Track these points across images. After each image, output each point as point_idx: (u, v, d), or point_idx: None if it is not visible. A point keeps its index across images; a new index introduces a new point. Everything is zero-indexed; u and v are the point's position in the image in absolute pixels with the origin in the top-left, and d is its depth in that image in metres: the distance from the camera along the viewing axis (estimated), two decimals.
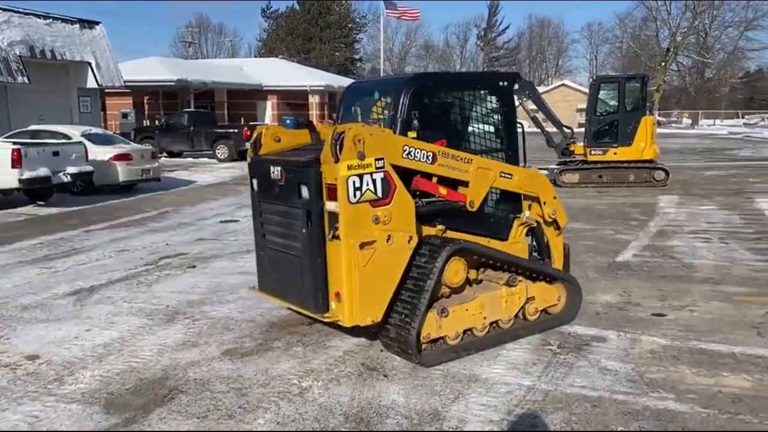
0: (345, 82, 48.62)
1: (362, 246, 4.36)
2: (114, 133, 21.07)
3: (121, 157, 14.92)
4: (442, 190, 4.82)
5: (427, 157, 4.65)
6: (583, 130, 16.41)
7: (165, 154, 24.25)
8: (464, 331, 4.89)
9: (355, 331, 4.88)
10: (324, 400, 4.23)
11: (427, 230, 4.87)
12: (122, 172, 14.88)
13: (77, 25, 21.83)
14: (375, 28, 75.79)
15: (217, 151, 23.88)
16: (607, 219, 10.96)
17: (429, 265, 4.54)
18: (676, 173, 16.34)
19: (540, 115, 16.90)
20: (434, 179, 4.79)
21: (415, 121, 4.74)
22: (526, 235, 5.57)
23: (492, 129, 5.36)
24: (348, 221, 4.31)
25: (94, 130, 16.44)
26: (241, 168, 21.24)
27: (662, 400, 4.17)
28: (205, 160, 23.99)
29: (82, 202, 13.56)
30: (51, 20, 20.98)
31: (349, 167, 4.27)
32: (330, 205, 4.39)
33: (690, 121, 58.49)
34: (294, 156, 4.87)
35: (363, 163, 4.31)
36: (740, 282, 6.92)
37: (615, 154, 15.18)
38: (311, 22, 70.86)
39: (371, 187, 4.36)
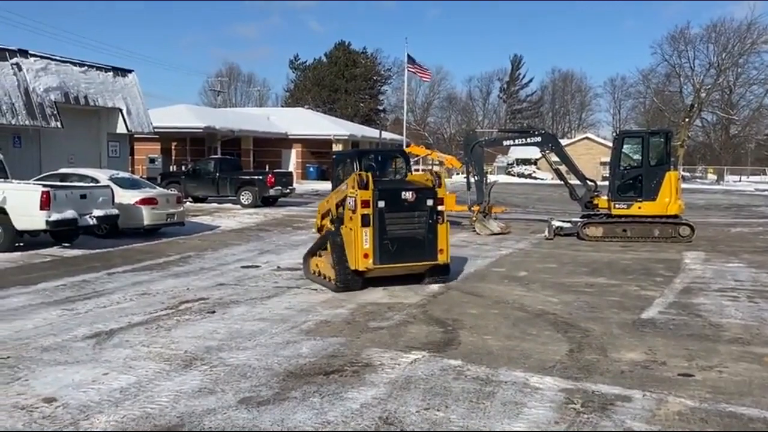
0: (369, 132, 49.45)
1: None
2: (141, 177, 21.45)
3: (146, 201, 15.12)
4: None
5: None
6: (607, 183, 16.35)
7: (190, 199, 24.54)
8: None
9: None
10: None
11: None
12: (147, 216, 15.05)
13: (111, 73, 22.58)
14: (399, 80, 77.30)
15: (241, 197, 24.16)
16: (631, 274, 10.79)
17: None
18: (701, 229, 16.12)
19: (563, 168, 16.96)
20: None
21: None
22: None
23: None
24: (446, 214, 9.22)
25: (122, 174, 16.75)
26: (264, 214, 21.43)
27: None
28: (230, 205, 24.26)
29: (106, 245, 13.72)
30: (86, 68, 21.74)
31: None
32: (440, 207, 9.07)
33: (715, 177, 58.03)
34: (405, 186, 9.25)
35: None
36: None
37: (639, 208, 15.05)
38: (338, 74, 72.49)
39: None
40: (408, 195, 8.90)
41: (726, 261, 12.27)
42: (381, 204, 8.76)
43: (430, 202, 8.98)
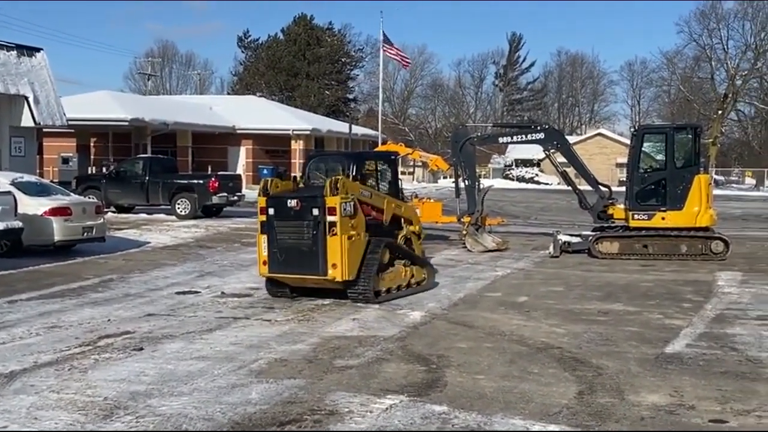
0: (336, 125, 49.55)
1: (349, 238, 10.01)
2: (51, 181, 21.21)
3: (57, 211, 14.96)
4: (375, 213, 11.11)
5: (367, 194, 10.99)
6: (623, 189, 16.57)
7: (113, 209, 24.33)
8: (389, 288, 10.73)
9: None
10: None
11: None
12: (58, 230, 14.88)
13: (14, 52, 22.32)
14: (373, 62, 77.67)
15: (176, 206, 24.00)
16: (653, 300, 10.94)
17: (376, 251, 10.46)
18: (737, 244, 16.41)
19: (571, 170, 17.17)
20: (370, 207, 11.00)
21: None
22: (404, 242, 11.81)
23: (387, 183, 12.28)
24: (341, 226, 9.93)
25: (27, 177, 16.57)
26: (206, 227, 21.31)
27: None
28: (162, 216, 24.09)
29: (6, 266, 13.53)
30: None
31: (341, 198, 9.95)
32: (330, 218, 9.91)
33: (754, 181, 59.22)
34: (299, 194, 10.52)
35: (345, 196, 10.05)
36: None
37: (663, 219, 15.26)
38: (297, 54, 72.48)
39: (348, 208, 10.10)
40: (293, 203, 10.24)
41: (767, 283, 12.51)
42: (271, 211, 10.34)
43: (315, 212, 10.03)
